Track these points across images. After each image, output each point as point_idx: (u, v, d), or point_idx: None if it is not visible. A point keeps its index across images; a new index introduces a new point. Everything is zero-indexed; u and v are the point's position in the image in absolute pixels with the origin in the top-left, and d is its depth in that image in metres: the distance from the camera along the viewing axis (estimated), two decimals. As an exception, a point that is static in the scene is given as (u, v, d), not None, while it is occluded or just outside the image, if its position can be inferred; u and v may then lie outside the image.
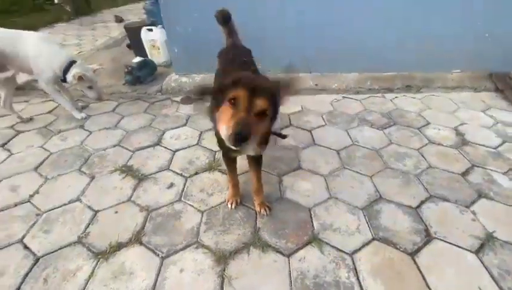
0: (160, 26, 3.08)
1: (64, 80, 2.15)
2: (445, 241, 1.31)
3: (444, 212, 1.47)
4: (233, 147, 0.87)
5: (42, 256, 1.26)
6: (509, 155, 1.86)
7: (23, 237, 1.35)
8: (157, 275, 1.19)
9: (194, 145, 1.99)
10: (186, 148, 1.97)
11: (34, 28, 4.62)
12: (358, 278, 1.17)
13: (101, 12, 7.14)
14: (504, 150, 1.91)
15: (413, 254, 1.26)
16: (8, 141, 2.07)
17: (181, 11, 2.43)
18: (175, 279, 1.18)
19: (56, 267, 1.22)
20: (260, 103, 0.88)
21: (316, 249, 1.29)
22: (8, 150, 1.96)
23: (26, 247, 1.31)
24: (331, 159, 1.85)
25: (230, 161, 1.40)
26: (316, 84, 2.63)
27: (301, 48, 2.55)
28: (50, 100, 2.56)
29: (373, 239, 1.33)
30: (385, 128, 2.17)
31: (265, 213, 1.46)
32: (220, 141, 1.15)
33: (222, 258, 1.25)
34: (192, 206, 1.51)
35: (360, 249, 1.29)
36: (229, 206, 1.49)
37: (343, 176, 1.71)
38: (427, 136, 2.08)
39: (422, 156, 1.87)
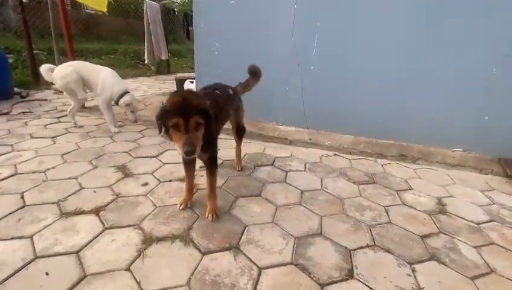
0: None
1: (116, 103, 2.89)
2: (365, 285, 1.24)
3: (380, 261, 1.40)
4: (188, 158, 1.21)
5: (28, 205, 1.63)
6: (490, 233, 1.68)
7: (24, 192, 1.77)
8: (94, 238, 1.41)
9: (180, 163, 2.32)
10: (175, 163, 2.31)
11: (122, 76, 6.14)
12: (255, 289, 1.19)
13: (175, 74, 9.02)
14: (487, 227, 1.74)
15: (324, 285, 1.23)
16: (57, 136, 2.75)
17: (209, 69, 3.13)
18: (104, 244, 1.38)
19: (32, 214, 1.56)
20: (194, 122, 1.23)
21: (231, 255, 1.36)
22: (54, 141, 2.61)
23: (22, 197, 1.70)
24: (291, 196, 1.95)
25: (188, 166, 1.68)
26: (310, 139, 2.85)
27: (301, 105, 2.91)
28: (101, 119, 3.33)
29: (290, 263, 1.34)
30: (361, 184, 2.19)
31: (211, 219, 1.61)
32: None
33: (148, 240, 1.42)
34: (152, 201, 1.77)
35: (272, 267, 1.31)
36: (178, 206, 1.69)
37: (295, 210, 1.78)
38: (403, 198, 2.02)
39: (387, 213, 1.83)
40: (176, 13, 12.85)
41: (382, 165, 2.57)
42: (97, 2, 4.08)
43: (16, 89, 4.27)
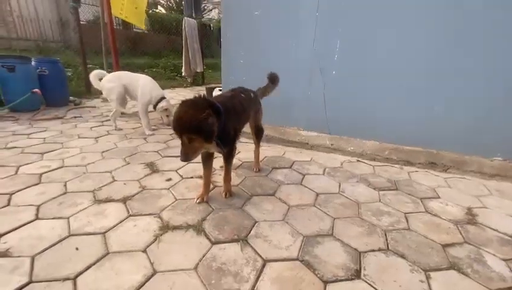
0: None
1: (154, 107, 3.22)
2: (371, 286, 1.21)
3: (391, 264, 1.34)
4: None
5: (69, 192, 1.87)
6: (528, 248, 1.51)
7: (67, 181, 2.03)
8: (119, 222, 1.58)
9: (204, 163, 2.47)
10: (198, 162, 2.43)
11: (162, 86, 6.69)
12: (257, 278, 1.23)
13: (209, 84, 9.51)
14: (524, 242, 1.56)
15: (328, 282, 1.22)
16: (100, 136, 3.10)
17: (235, 77, 3.30)
18: (126, 228, 1.53)
19: (71, 199, 1.79)
20: (186, 137, 1.43)
21: (238, 247, 1.42)
22: (96, 141, 2.95)
23: (65, 185, 1.96)
24: (306, 197, 1.95)
25: (206, 163, 1.82)
26: (332, 144, 2.82)
27: (323, 111, 2.91)
28: (138, 123, 3.66)
29: (296, 259, 1.35)
30: (382, 190, 2.11)
31: (225, 196, 1.87)
32: None
33: (165, 228, 1.54)
34: (173, 194, 1.91)
35: (277, 261, 1.34)
36: (195, 200, 1.80)
37: (307, 211, 1.78)
38: (427, 206, 1.90)
39: (406, 219, 1.74)
40: (212, 29, 13.63)
41: (408, 173, 2.44)
42: (137, 20, 4.56)
43: (71, 98, 4.90)
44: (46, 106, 4.16)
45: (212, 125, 1.45)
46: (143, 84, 3.22)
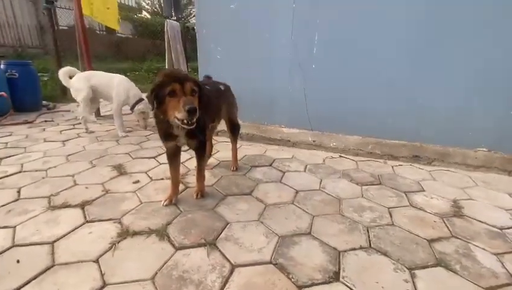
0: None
1: (131, 108, 3.07)
2: (350, 289, 1.08)
3: (373, 264, 1.22)
4: (189, 121, 1.27)
5: (22, 199, 1.68)
6: (517, 240, 1.42)
7: (21, 187, 1.83)
8: (73, 229, 1.40)
9: (178, 163, 2.31)
10: (171, 164, 2.30)
11: (144, 90, 6.49)
12: (223, 286, 1.08)
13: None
14: (513, 234, 1.47)
15: (302, 287, 1.09)
16: (68, 139, 2.89)
17: (212, 73, 3.16)
18: (80, 235, 1.36)
19: (22, 206, 1.59)
20: (189, 86, 1.31)
21: (205, 252, 1.26)
22: (64, 144, 2.74)
23: (18, 191, 1.77)
24: (284, 195, 1.82)
25: (172, 155, 1.66)
26: (314, 141, 2.71)
27: (304, 106, 2.80)
28: (112, 125, 3.46)
29: (269, 262, 1.21)
30: (365, 185, 2.01)
31: (196, 197, 1.72)
32: (160, 129, 1.51)
33: (124, 233, 1.37)
34: (138, 197, 1.74)
35: (247, 265, 1.19)
36: (162, 202, 1.64)
37: (284, 209, 1.65)
38: (412, 200, 1.80)
39: (390, 214, 1.63)
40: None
41: (392, 167, 2.35)
42: (110, 21, 4.41)
43: (44, 102, 4.63)
44: (14, 111, 3.89)
45: (203, 97, 1.42)
46: (118, 83, 3.05)
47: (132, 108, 3.09)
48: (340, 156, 2.58)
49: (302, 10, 2.56)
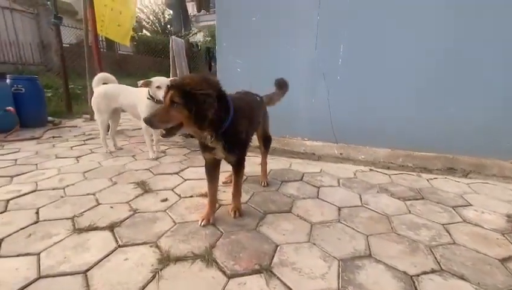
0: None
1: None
2: (441, 322, 0.94)
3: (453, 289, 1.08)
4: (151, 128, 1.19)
5: (42, 221, 1.52)
6: None
7: (39, 208, 1.67)
8: (106, 256, 1.24)
9: (204, 179, 2.17)
10: (197, 179, 2.16)
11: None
12: (295, 322, 0.93)
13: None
14: None
15: (385, 321, 0.94)
16: (81, 155, 2.74)
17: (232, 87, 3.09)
18: (115, 263, 1.20)
19: (43, 229, 1.43)
20: (171, 96, 1.16)
21: (263, 280, 1.11)
22: (77, 160, 2.59)
23: (37, 212, 1.60)
24: (327, 212, 1.69)
25: (210, 169, 1.55)
26: (341, 154, 2.61)
27: (328, 118, 2.72)
28: (125, 141, 3.33)
29: (337, 290, 1.07)
30: (408, 199, 1.89)
31: (233, 216, 1.58)
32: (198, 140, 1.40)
33: (166, 260, 1.22)
34: (171, 217, 1.59)
35: (314, 294, 1.05)
36: (200, 222, 1.50)
37: (333, 228, 1.52)
38: (463, 215, 1.69)
39: (448, 231, 1.50)
40: (199, 48, 13.65)
41: (428, 180, 2.25)
42: (120, 37, 4.45)
43: (49, 118, 4.50)
44: (20, 126, 3.75)
45: (208, 106, 1.18)
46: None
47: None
48: (371, 169, 2.47)
49: (326, 22, 2.54)
